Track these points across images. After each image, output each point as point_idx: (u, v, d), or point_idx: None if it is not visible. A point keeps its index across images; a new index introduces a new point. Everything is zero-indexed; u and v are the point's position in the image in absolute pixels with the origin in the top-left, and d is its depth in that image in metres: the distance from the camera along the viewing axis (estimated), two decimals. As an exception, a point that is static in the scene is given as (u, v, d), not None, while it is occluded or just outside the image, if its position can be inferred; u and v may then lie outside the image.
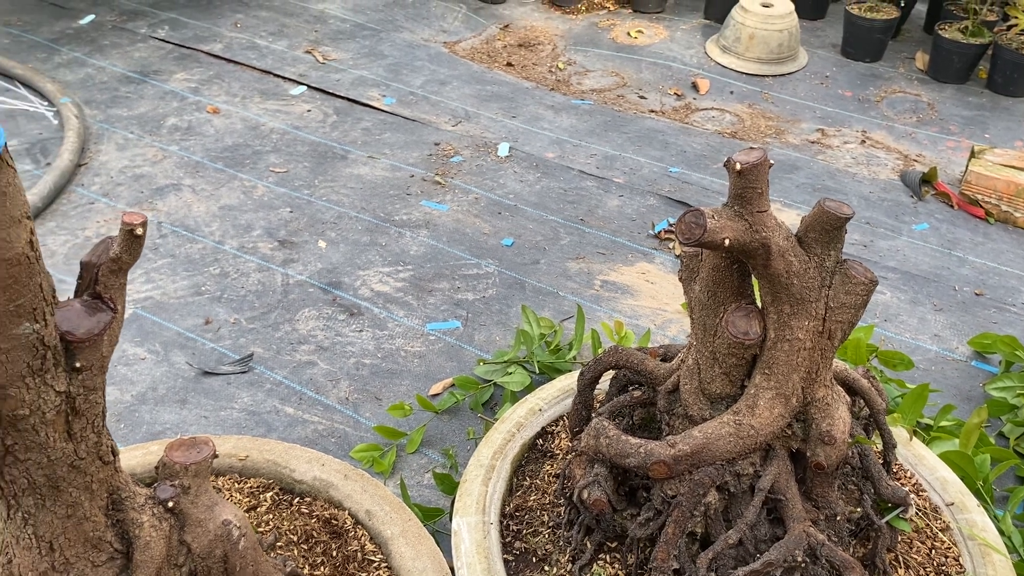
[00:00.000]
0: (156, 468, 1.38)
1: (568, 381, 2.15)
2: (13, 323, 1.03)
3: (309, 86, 4.16)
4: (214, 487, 1.65)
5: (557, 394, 2.11)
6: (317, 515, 1.81)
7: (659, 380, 1.72)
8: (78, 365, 1.13)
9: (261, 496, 1.85)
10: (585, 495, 1.64)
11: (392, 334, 2.76)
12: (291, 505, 1.84)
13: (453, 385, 2.54)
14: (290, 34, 4.68)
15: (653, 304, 2.91)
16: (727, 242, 1.35)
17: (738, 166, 1.34)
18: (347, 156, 3.66)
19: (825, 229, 1.44)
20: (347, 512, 1.82)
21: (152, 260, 3.01)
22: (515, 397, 2.42)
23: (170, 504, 1.34)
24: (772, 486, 1.59)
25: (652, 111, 4.22)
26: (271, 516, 1.80)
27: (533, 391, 2.17)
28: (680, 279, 1.63)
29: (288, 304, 2.86)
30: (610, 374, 1.90)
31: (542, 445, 2.02)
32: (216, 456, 1.41)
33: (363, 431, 2.42)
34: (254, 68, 4.30)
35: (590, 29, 5.02)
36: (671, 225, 3.28)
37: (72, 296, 1.16)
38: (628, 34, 4.94)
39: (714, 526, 1.61)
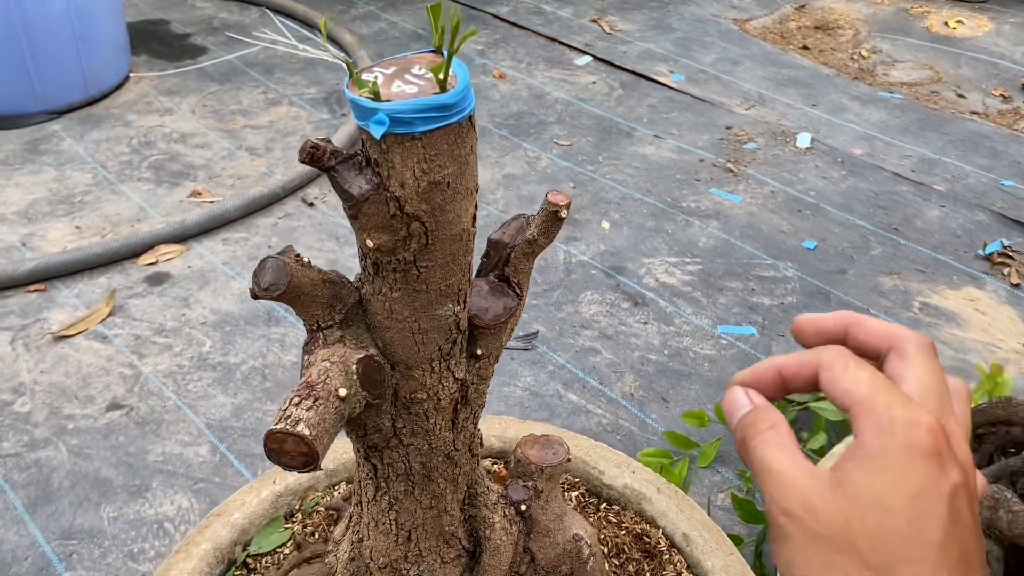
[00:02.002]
0: (505, 464, 1.27)
1: (910, 421, 1.86)
2: (439, 303, 0.92)
3: (595, 56, 4.01)
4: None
5: (898, 434, 1.83)
6: (627, 527, 1.66)
7: (1076, 450, 1.41)
8: (479, 352, 1.02)
9: (566, 495, 1.73)
10: (971, 574, 1.36)
11: (679, 331, 2.57)
12: (598, 511, 1.70)
13: (749, 398, 2.31)
14: (576, 1, 4.55)
15: (984, 338, 2.52)
16: None
17: None
18: (632, 133, 3.48)
19: None
20: (661, 531, 1.65)
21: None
22: (827, 425, 2.15)
23: (522, 507, 1.23)
24: None
25: (973, 112, 3.71)
26: (580, 520, 1.67)
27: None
28: None
29: (570, 284, 2.74)
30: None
31: (880, 492, 1.75)
32: (570, 460, 1.28)
33: (649, 433, 2.26)
34: (539, 34, 4.21)
35: (899, 15, 4.52)
36: (1005, 247, 2.84)
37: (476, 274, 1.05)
38: (946, 24, 4.40)
39: None
